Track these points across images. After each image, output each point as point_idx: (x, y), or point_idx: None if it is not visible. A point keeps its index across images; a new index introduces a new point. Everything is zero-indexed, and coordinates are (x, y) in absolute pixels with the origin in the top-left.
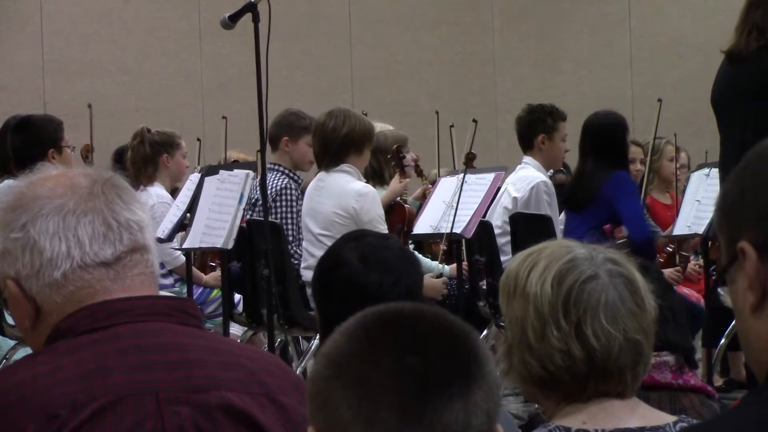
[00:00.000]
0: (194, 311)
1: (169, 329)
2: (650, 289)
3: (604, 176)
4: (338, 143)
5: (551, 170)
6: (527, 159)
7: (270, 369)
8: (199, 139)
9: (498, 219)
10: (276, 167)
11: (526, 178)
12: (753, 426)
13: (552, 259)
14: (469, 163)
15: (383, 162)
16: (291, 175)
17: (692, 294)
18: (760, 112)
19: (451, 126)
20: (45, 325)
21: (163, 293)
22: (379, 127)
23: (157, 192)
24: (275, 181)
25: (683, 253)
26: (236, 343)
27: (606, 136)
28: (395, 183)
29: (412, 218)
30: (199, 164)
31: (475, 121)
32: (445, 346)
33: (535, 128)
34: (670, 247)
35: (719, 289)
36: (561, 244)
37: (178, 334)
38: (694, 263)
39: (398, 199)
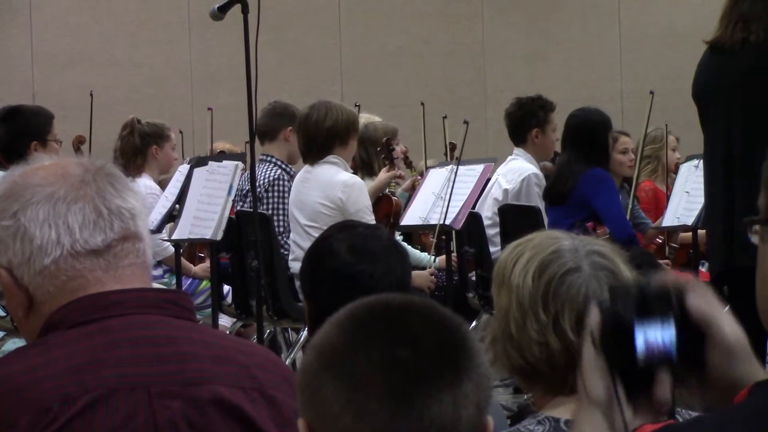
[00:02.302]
0: (187, 304)
1: (161, 322)
2: None
3: (582, 171)
4: (323, 136)
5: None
6: (518, 151)
7: (262, 363)
8: (181, 131)
9: (488, 210)
10: (268, 158)
11: (518, 170)
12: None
13: (537, 250)
14: (451, 155)
15: (372, 153)
16: (283, 166)
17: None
18: (746, 106)
19: (444, 117)
20: (38, 315)
21: (154, 285)
22: (365, 118)
23: (145, 183)
24: (267, 172)
25: (673, 245)
26: (229, 336)
27: (588, 133)
28: (383, 174)
29: (399, 211)
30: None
31: (466, 122)
32: (434, 338)
33: (528, 123)
34: (660, 239)
35: (751, 228)
36: (549, 235)
37: (171, 327)
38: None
39: (386, 191)
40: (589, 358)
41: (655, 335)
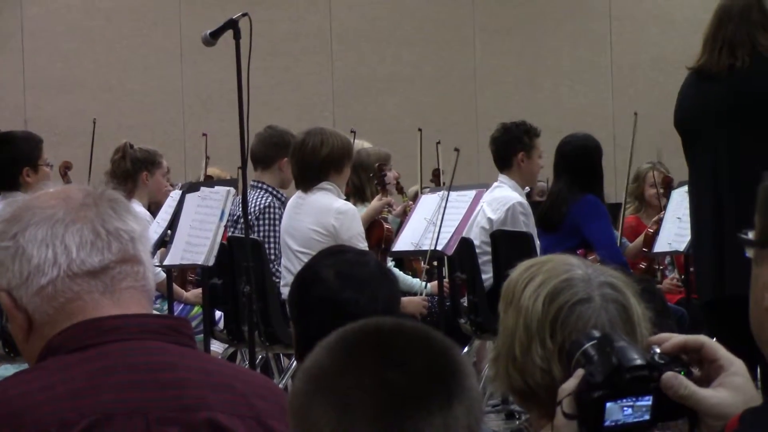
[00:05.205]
0: (187, 330)
1: (160, 348)
2: (648, 317)
3: (574, 199)
4: (319, 164)
5: (527, 187)
6: (503, 178)
7: (261, 392)
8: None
9: (475, 239)
10: (260, 185)
11: (502, 199)
12: None
13: (549, 275)
14: (436, 181)
15: (365, 179)
16: (275, 193)
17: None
18: (733, 132)
19: (438, 142)
20: (38, 337)
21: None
22: (356, 144)
23: (135, 208)
24: (259, 199)
25: (657, 267)
26: (229, 364)
27: (581, 159)
28: (375, 202)
29: (390, 237)
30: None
31: (456, 150)
32: (425, 361)
33: (514, 147)
34: (643, 265)
35: (747, 235)
36: (563, 260)
37: (170, 353)
38: (671, 277)
39: (378, 217)
40: (561, 423)
41: (623, 415)
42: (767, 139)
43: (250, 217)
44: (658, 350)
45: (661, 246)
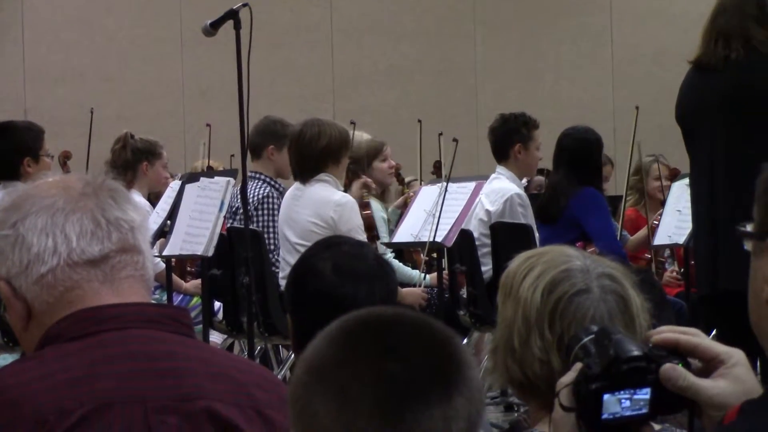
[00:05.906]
0: (186, 320)
1: (159, 337)
2: (646, 308)
3: (573, 191)
4: (316, 156)
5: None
6: (501, 169)
7: (259, 382)
8: None
9: (474, 231)
10: (258, 176)
11: (500, 191)
12: None
13: (548, 266)
14: (437, 173)
15: (349, 174)
16: (272, 183)
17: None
18: (728, 126)
19: (440, 134)
20: (37, 326)
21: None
22: (356, 136)
23: (134, 199)
24: (257, 190)
25: (660, 259)
26: (227, 354)
27: (581, 152)
28: (354, 188)
29: (372, 224)
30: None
31: (455, 140)
32: (425, 352)
33: (511, 138)
34: (648, 255)
35: (745, 227)
36: (561, 251)
37: (169, 342)
38: (671, 270)
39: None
40: (559, 416)
41: (621, 408)
42: (763, 131)
43: (248, 207)
44: None
45: (660, 239)
